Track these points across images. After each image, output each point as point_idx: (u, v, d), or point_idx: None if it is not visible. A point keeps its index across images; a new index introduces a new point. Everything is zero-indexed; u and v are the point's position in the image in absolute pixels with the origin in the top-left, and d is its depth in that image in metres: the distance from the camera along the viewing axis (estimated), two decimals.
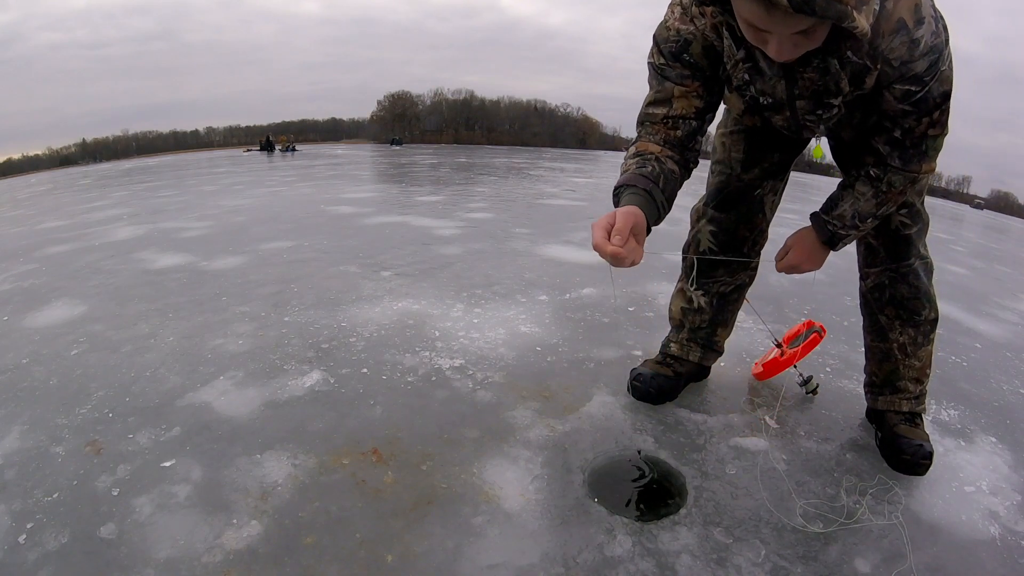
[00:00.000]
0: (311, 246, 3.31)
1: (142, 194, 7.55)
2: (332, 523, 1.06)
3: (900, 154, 1.08)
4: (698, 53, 1.09)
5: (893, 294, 1.31)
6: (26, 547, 0.99)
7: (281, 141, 28.08)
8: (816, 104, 1.08)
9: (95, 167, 25.17)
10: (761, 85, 1.10)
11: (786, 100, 1.10)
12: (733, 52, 1.08)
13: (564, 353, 1.80)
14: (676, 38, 1.09)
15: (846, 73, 1.01)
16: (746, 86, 1.12)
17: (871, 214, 1.16)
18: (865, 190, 1.14)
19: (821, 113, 1.10)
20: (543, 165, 14.33)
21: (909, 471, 1.26)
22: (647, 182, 1.06)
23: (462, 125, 74.63)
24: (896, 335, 1.34)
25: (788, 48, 0.89)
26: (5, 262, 3.24)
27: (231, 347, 1.81)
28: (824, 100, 1.07)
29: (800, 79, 1.04)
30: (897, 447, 1.28)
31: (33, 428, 1.36)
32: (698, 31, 1.08)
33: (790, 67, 1.03)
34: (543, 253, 3.21)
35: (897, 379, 1.36)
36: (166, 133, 77.58)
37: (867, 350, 1.42)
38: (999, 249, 7.34)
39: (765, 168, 1.35)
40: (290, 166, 13.12)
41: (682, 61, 1.10)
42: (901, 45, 0.94)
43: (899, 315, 1.32)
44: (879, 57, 0.97)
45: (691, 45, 1.09)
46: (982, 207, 37.40)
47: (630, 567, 0.98)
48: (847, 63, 0.99)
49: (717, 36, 1.08)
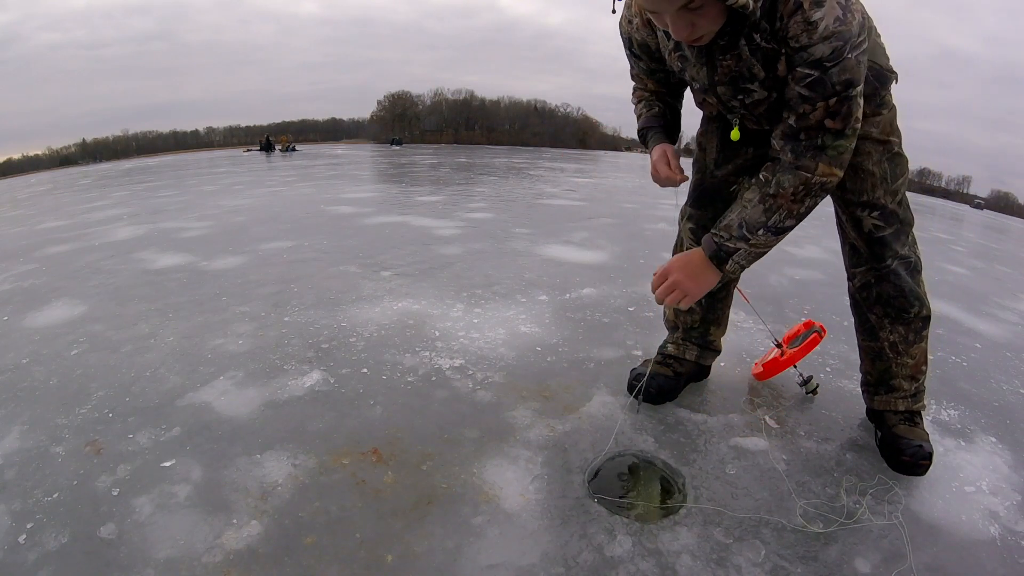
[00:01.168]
0: (311, 246, 3.31)
1: (142, 194, 7.55)
2: (332, 523, 1.06)
3: (792, 147, 1.05)
4: (637, 48, 1.27)
5: (879, 293, 1.30)
6: (26, 547, 0.99)
7: (281, 141, 28.07)
8: (735, 90, 1.13)
9: (95, 167, 25.16)
10: (690, 71, 1.18)
11: (708, 85, 1.16)
12: (666, 42, 1.18)
13: (564, 353, 1.80)
14: (624, 35, 1.28)
15: (758, 58, 1.04)
16: (682, 72, 1.21)
17: (761, 224, 1.08)
18: (752, 196, 1.10)
19: (743, 98, 1.14)
20: (543, 165, 14.33)
21: (909, 472, 1.26)
22: (660, 120, 1.33)
23: (462, 125, 74.66)
24: (886, 334, 1.33)
25: (683, 26, 0.97)
26: (5, 262, 3.24)
27: (231, 347, 1.81)
28: (741, 85, 1.11)
29: (719, 66, 1.10)
30: (897, 448, 1.28)
31: (33, 428, 1.36)
32: (632, 31, 1.24)
33: (710, 54, 1.09)
34: (543, 253, 3.21)
35: (891, 377, 1.35)
36: (166, 133, 77.66)
37: (860, 350, 1.42)
38: (999, 249, 7.33)
39: (739, 164, 1.36)
40: (290, 166, 13.12)
41: (632, 53, 1.29)
42: (796, 26, 0.96)
43: (887, 313, 1.31)
44: (782, 40, 0.99)
45: (632, 43, 1.27)
46: (982, 207, 37.37)
47: (630, 567, 0.98)
48: (757, 48, 1.03)
49: (650, 32, 1.20)
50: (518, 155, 21.92)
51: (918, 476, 1.25)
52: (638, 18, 1.20)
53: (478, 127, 75.21)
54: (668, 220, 4.98)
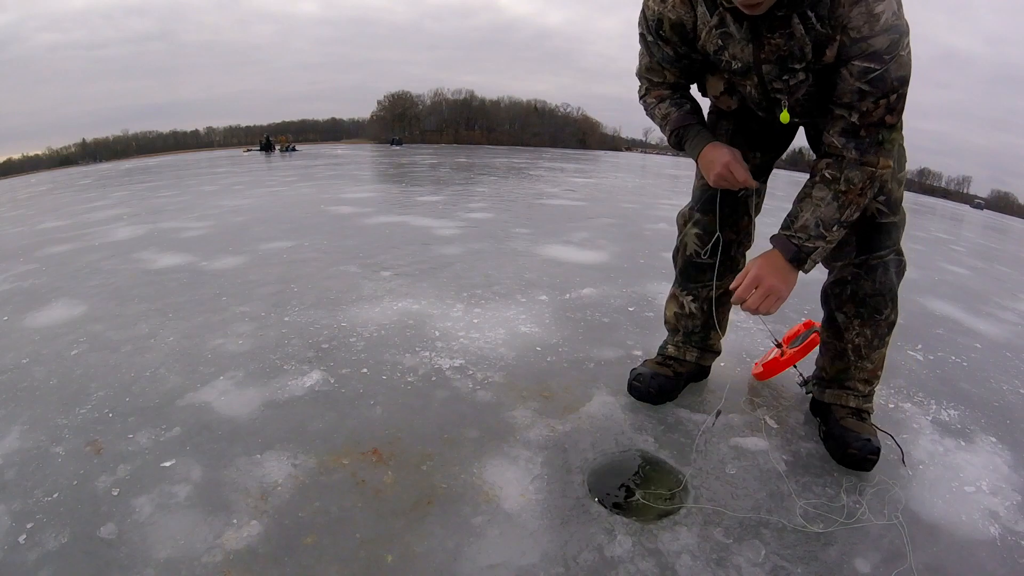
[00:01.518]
0: (311, 246, 3.31)
1: (142, 194, 7.55)
2: (332, 523, 1.06)
3: (856, 144, 1.07)
4: (668, 29, 1.19)
5: (855, 291, 1.27)
6: (26, 547, 0.99)
7: (280, 141, 28.06)
8: (781, 69, 1.12)
9: (95, 167, 25.17)
10: (732, 49, 1.14)
11: (752, 64, 1.14)
12: (707, 19, 1.14)
13: (564, 353, 1.80)
14: (652, 16, 1.20)
15: (810, 38, 1.05)
16: (720, 51, 1.16)
17: (836, 220, 1.11)
18: (824, 194, 1.11)
19: (787, 79, 1.13)
20: (543, 165, 14.33)
21: (855, 466, 1.24)
22: (696, 117, 1.29)
23: (462, 125, 74.64)
24: (852, 335, 1.31)
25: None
26: (5, 262, 3.24)
27: (231, 347, 1.81)
28: (789, 65, 1.10)
29: (767, 44, 1.09)
30: (843, 440, 1.26)
31: (33, 428, 1.36)
32: (665, 10, 1.18)
33: (758, 32, 1.08)
34: (543, 253, 3.21)
35: (847, 378, 1.34)
36: (166, 133, 77.70)
37: (822, 344, 1.40)
38: (999, 249, 7.33)
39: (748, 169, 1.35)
40: (290, 166, 13.12)
41: (660, 36, 1.21)
42: (859, 16, 0.99)
43: (859, 313, 1.29)
44: (839, 27, 1.01)
45: (663, 23, 1.19)
46: (982, 207, 37.37)
47: (630, 567, 0.98)
48: (811, 29, 1.04)
49: (689, 9, 1.15)
50: (518, 155, 21.92)
51: (864, 471, 1.24)
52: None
53: (478, 127, 75.20)
54: (668, 220, 4.98)
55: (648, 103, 1.34)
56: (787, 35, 1.06)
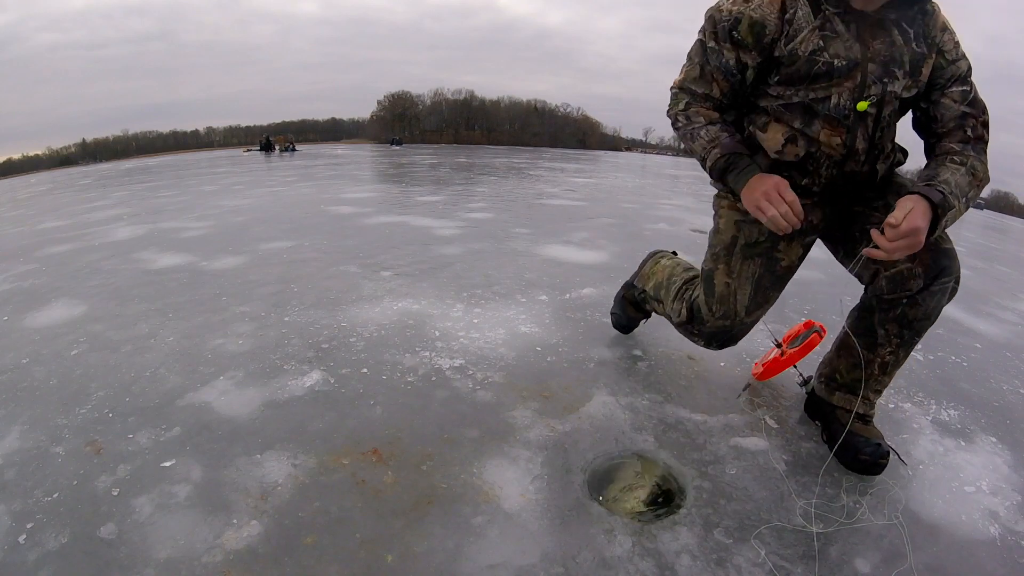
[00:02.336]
0: (311, 246, 3.31)
1: (142, 194, 7.55)
2: (332, 523, 1.06)
3: (972, 148, 1.15)
4: (745, 29, 1.17)
5: (905, 312, 1.21)
6: (26, 547, 0.99)
7: (279, 141, 28.05)
8: (884, 71, 1.15)
9: (95, 167, 25.16)
10: (835, 48, 1.14)
11: (860, 60, 1.14)
12: (810, 20, 1.15)
13: (564, 353, 1.80)
14: (728, 17, 1.18)
15: (907, 52, 1.14)
16: (818, 52, 1.15)
17: (965, 193, 1.10)
18: (955, 167, 1.13)
19: (887, 81, 1.15)
20: (543, 165, 14.33)
21: (866, 471, 1.24)
22: (747, 150, 1.24)
23: (462, 125, 74.63)
24: (885, 352, 1.26)
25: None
26: (5, 262, 3.24)
27: (231, 347, 1.81)
28: (890, 68, 1.15)
29: (871, 47, 1.14)
30: (854, 447, 1.25)
31: (33, 428, 1.36)
32: (747, 10, 1.16)
33: (862, 35, 1.14)
34: (543, 253, 3.21)
35: (858, 388, 1.30)
36: (166, 133, 77.65)
37: (841, 346, 1.34)
38: (999, 249, 7.33)
39: (768, 307, 1.34)
40: (290, 166, 13.12)
41: (731, 39, 1.18)
42: (949, 39, 1.16)
43: (901, 334, 1.23)
44: (933, 47, 1.15)
45: (740, 23, 1.17)
46: (982, 207, 37.26)
47: (630, 567, 0.98)
48: (908, 41, 1.14)
49: (776, 10, 1.15)
50: (518, 155, 21.92)
51: (874, 475, 1.24)
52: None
53: (478, 127, 75.20)
54: (668, 220, 4.98)
55: (691, 118, 1.25)
56: (888, 42, 1.14)
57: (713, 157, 1.22)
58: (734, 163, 1.21)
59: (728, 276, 1.31)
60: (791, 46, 1.15)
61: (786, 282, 1.35)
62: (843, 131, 1.18)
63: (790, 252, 1.31)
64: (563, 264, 2.94)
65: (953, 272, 1.18)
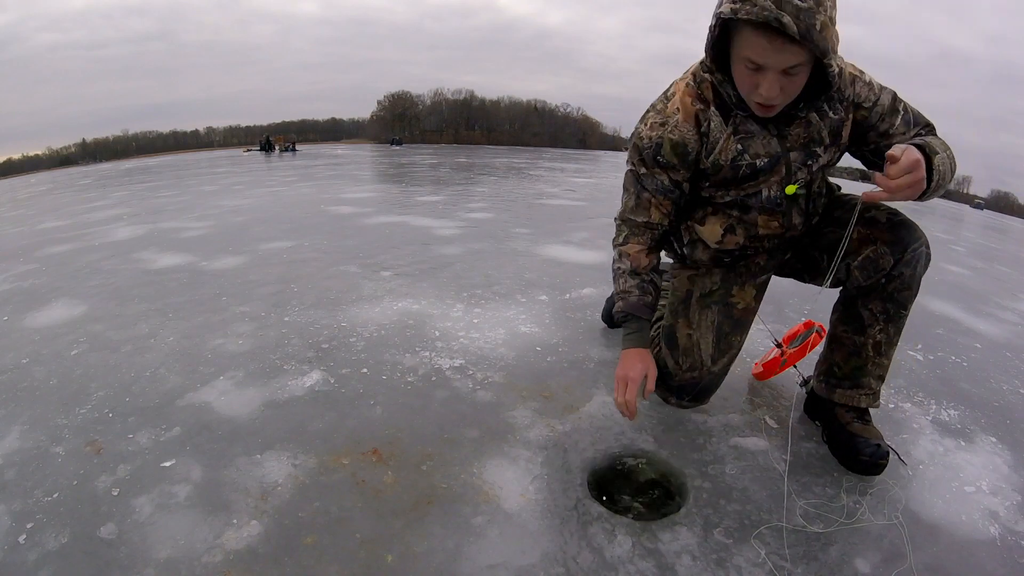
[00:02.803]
0: (311, 246, 3.31)
1: (142, 194, 7.55)
2: (332, 523, 1.06)
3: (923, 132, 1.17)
4: (668, 152, 1.20)
5: (884, 288, 1.24)
6: (26, 547, 0.99)
7: (279, 141, 28.05)
8: (806, 155, 1.19)
9: (95, 167, 25.16)
10: (755, 148, 1.18)
11: (781, 153, 1.18)
12: (723, 129, 1.18)
13: (564, 353, 1.80)
14: (649, 144, 1.22)
15: (825, 125, 1.16)
16: (739, 156, 1.19)
17: (943, 148, 1.07)
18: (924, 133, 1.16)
19: (811, 164, 1.20)
20: (543, 165, 14.33)
21: (866, 471, 1.24)
22: (649, 313, 1.27)
23: (462, 125, 74.70)
24: (875, 331, 1.27)
25: (776, 88, 1.03)
26: (5, 262, 3.24)
27: (231, 347, 1.81)
28: (812, 149, 1.18)
29: (788, 135, 1.17)
30: (854, 447, 1.25)
31: (33, 428, 1.36)
32: (666, 133, 1.19)
33: (778, 126, 1.16)
34: (543, 253, 3.21)
35: (862, 375, 1.31)
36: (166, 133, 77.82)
37: (834, 340, 1.35)
38: (999, 249, 7.33)
39: (733, 354, 1.39)
40: (290, 166, 13.12)
41: (658, 163, 1.22)
42: (862, 88, 1.16)
43: (886, 310, 1.25)
44: (850, 107, 1.16)
45: (662, 147, 1.20)
46: (982, 207, 37.36)
47: (630, 567, 0.98)
48: (825, 116, 1.15)
49: (693, 128, 1.18)
50: (518, 155, 21.92)
51: (873, 476, 1.24)
52: (679, 114, 1.18)
53: (478, 127, 75.25)
54: None
55: (621, 256, 1.33)
56: (804, 124, 1.16)
57: (616, 310, 1.30)
58: (628, 323, 1.28)
59: (689, 328, 1.38)
60: (712, 157, 1.20)
61: (746, 325, 1.41)
62: (779, 215, 1.25)
63: (744, 295, 1.37)
64: (563, 264, 2.94)
65: (920, 238, 1.22)
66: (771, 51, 0.98)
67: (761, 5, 0.94)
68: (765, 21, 0.94)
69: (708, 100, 1.17)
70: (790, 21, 0.92)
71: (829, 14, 0.96)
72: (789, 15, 0.92)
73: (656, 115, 1.22)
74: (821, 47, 0.96)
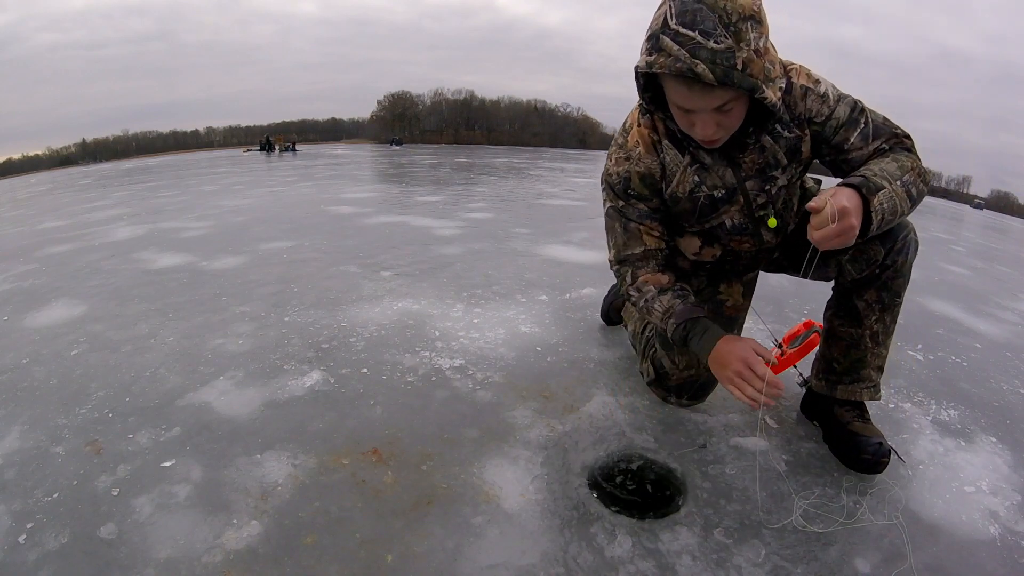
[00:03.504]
0: (311, 246, 3.31)
1: (142, 194, 7.55)
2: (332, 523, 1.06)
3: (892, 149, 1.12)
4: (638, 184, 1.21)
5: (877, 277, 1.23)
6: (26, 547, 0.99)
7: (280, 141, 28.05)
8: (763, 180, 1.18)
9: (95, 167, 25.16)
10: (711, 180, 1.18)
11: (736, 183, 1.18)
12: (679, 161, 1.18)
13: (564, 353, 1.80)
14: (618, 179, 1.22)
15: (781, 147, 1.14)
16: (698, 187, 1.19)
17: (896, 176, 1.02)
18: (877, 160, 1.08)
19: (769, 189, 1.19)
20: (543, 165, 14.33)
21: (868, 470, 1.24)
22: (703, 311, 1.20)
23: (462, 125, 74.74)
24: (872, 321, 1.26)
25: (711, 127, 1.02)
26: (5, 262, 3.24)
27: (231, 347, 1.81)
28: (768, 174, 1.17)
29: (742, 163, 1.16)
30: (856, 446, 1.25)
31: (33, 428, 1.36)
32: (631, 166, 1.20)
33: (731, 155, 1.15)
34: (543, 253, 3.21)
35: (862, 367, 1.30)
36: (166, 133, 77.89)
37: (830, 335, 1.33)
38: (999, 249, 7.33)
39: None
40: (290, 166, 13.12)
41: (628, 196, 1.23)
42: (814, 103, 1.11)
43: (880, 298, 1.24)
44: (803, 122, 1.13)
45: (631, 180, 1.21)
46: (982, 207, 37.39)
47: (630, 567, 0.98)
48: (779, 137, 1.13)
49: (654, 158, 1.19)
50: (518, 155, 21.92)
51: (876, 474, 1.24)
52: (640, 147, 1.19)
53: (478, 127, 75.29)
54: None
55: (641, 289, 1.23)
56: (758, 149, 1.14)
57: (671, 328, 1.18)
58: (692, 328, 1.16)
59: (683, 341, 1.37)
60: (671, 190, 1.21)
61: (738, 321, 1.42)
62: (749, 237, 1.26)
63: (732, 292, 1.38)
64: (563, 264, 2.94)
65: (907, 225, 1.21)
66: (695, 97, 0.97)
67: (674, 56, 0.92)
68: (680, 73, 0.92)
69: (660, 132, 1.18)
70: (705, 70, 0.90)
71: (754, 45, 0.93)
72: (704, 62, 0.90)
73: (619, 150, 1.23)
74: (746, 85, 0.93)
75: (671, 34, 0.92)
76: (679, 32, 0.92)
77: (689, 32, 0.91)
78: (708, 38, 0.90)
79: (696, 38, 0.91)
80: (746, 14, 0.92)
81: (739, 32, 0.91)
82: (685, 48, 0.91)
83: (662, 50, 0.94)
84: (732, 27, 0.91)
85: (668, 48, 0.93)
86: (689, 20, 0.91)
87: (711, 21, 0.90)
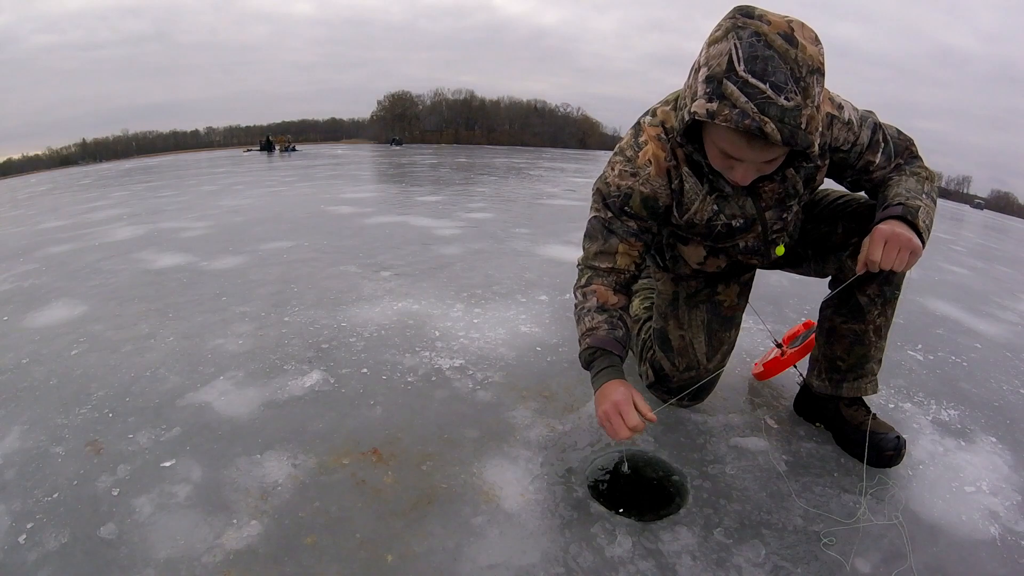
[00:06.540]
0: (311, 246, 3.31)
1: (142, 194, 7.54)
2: (332, 523, 1.06)
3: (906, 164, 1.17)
4: (637, 204, 1.15)
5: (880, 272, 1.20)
6: (26, 547, 0.99)
7: (279, 141, 28.04)
8: (781, 209, 1.19)
9: (95, 167, 25.16)
10: (730, 210, 1.17)
11: (756, 213, 1.17)
12: (698, 189, 1.14)
13: (564, 353, 1.79)
14: (617, 193, 1.15)
15: (800, 176, 1.14)
16: (715, 216, 1.17)
17: (919, 190, 1.08)
18: (898, 179, 1.13)
19: (786, 217, 1.21)
20: (543, 165, 14.33)
21: (888, 464, 1.26)
22: (621, 349, 1.13)
23: (462, 125, 74.73)
24: (874, 316, 1.25)
25: (752, 174, 1.00)
26: (5, 262, 3.24)
27: (231, 347, 1.81)
28: (787, 204, 1.18)
29: (763, 193, 1.15)
30: (877, 444, 1.26)
31: (33, 428, 1.36)
32: (637, 184, 1.13)
33: (753, 186, 1.13)
34: (543, 253, 3.21)
35: (866, 362, 1.30)
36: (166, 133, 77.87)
37: (831, 333, 1.32)
38: (999, 249, 7.33)
39: (726, 350, 1.40)
40: (290, 166, 13.12)
41: (624, 213, 1.16)
42: (840, 131, 1.11)
43: (882, 292, 1.23)
44: (827, 152, 1.13)
45: (631, 198, 1.14)
46: (982, 207, 37.39)
47: (630, 567, 0.98)
48: (800, 168, 1.13)
49: (665, 184, 1.14)
50: (518, 155, 21.91)
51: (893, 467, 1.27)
52: (651, 168, 1.12)
53: (478, 127, 75.26)
54: None
55: (587, 296, 1.18)
56: (779, 179, 1.13)
57: (583, 347, 1.16)
58: (598, 359, 1.12)
59: (680, 328, 1.38)
60: (687, 216, 1.18)
61: (735, 321, 1.41)
62: (759, 256, 1.27)
63: (729, 292, 1.38)
64: (563, 264, 2.94)
65: None
66: (749, 150, 0.92)
67: (741, 109, 0.84)
68: (747, 130, 0.85)
69: (680, 158, 1.12)
70: (773, 130, 0.84)
71: (817, 101, 0.87)
72: (773, 120, 0.84)
73: (626, 163, 1.14)
74: (804, 144, 0.88)
75: (739, 83, 0.84)
76: (748, 82, 0.84)
77: (759, 84, 0.83)
78: (780, 93, 0.83)
79: (767, 92, 0.83)
80: (814, 66, 0.86)
81: (807, 88, 0.85)
82: (754, 102, 0.84)
83: (725, 98, 0.86)
84: (803, 82, 0.84)
85: (734, 98, 0.85)
86: (760, 69, 0.83)
87: (783, 73, 0.83)
